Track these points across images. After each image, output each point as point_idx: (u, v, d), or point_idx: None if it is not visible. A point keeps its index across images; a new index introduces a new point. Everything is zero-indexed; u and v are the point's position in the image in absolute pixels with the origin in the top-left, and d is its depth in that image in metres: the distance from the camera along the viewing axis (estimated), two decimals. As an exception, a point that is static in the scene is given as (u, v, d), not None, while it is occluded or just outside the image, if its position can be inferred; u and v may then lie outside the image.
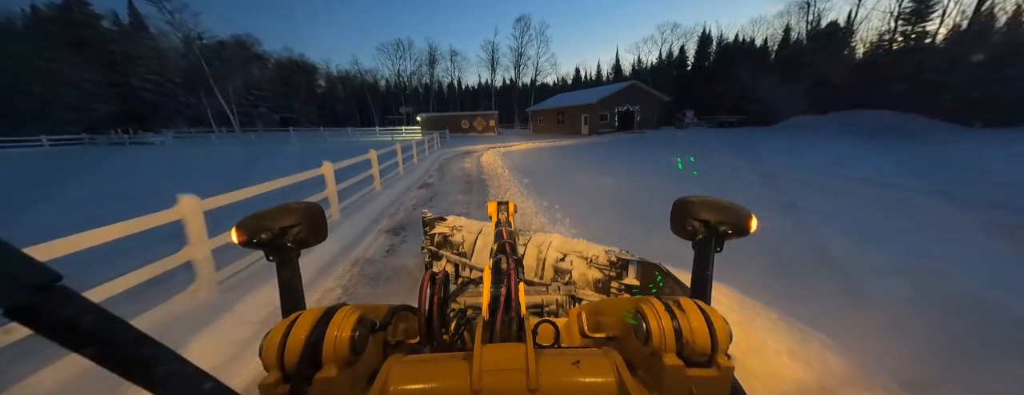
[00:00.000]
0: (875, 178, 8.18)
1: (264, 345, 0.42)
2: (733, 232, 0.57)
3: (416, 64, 65.40)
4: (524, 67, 56.98)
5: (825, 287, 3.07)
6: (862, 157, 11.99)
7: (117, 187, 9.28)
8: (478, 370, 0.39)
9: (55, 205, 7.14)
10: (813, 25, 37.31)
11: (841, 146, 15.57)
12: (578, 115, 31.19)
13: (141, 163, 15.89)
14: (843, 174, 8.85)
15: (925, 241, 4.22)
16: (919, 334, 2.41)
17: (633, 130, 32.02)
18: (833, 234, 4.42)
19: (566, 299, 1.56)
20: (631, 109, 31.55)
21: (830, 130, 23.07)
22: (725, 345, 0.42)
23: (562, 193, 7.35)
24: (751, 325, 2.13)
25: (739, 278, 2.55)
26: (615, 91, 30.19)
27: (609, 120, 31.14)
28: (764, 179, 8.55)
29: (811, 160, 11.90)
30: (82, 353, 0.27)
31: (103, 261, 2.84)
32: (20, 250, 0.26)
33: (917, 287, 3.02)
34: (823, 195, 6.67)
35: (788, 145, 17.68)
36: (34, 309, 0.25)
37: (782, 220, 4.93)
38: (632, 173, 10.59)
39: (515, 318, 0.52)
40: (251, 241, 0.56)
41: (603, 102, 29.55)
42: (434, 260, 2.49)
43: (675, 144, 21.02)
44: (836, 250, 3.89)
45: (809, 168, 9.99)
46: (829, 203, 6.08)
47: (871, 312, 2.67)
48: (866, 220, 5.16)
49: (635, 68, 65.39)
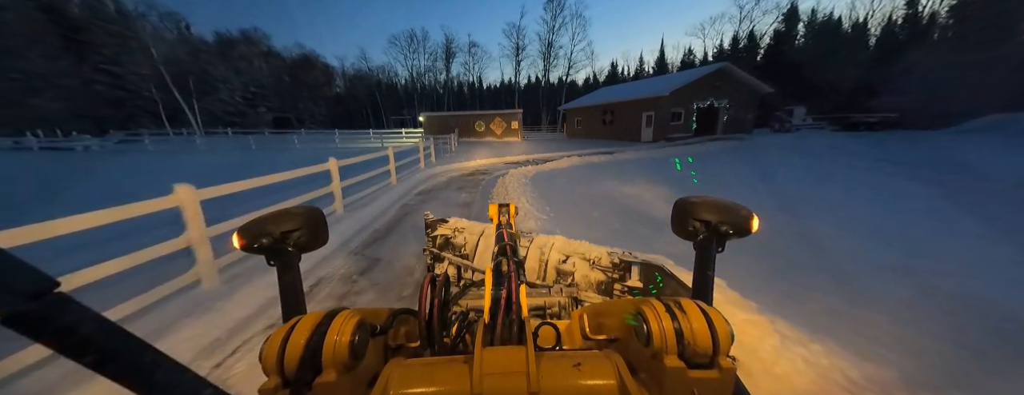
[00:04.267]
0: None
1: (264, 350, 0.41)
2: (734, 232, 0.57)
3: (431, 59, 58.03)
4: (554, 58, 47.84)
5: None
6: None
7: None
8: (478, 373, 0.40)
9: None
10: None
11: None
12: (636, 114, 22.01)
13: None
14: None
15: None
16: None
17: (718, 135, 22.49)
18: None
19: (568, 301, 1.50)
20: (717, 105, 22.04)
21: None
22: (727, 346, 0.41)
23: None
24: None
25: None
26: (697, 78, 20.64)
27: (683, 120, 21.75)
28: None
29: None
30: (80, 361, 0.27)
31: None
32: (15, 256, 0.26)
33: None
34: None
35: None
36: (32, 316, 0.25)
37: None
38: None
39: (516, 321, 0.51)
40: (252, 246, 0.55)
41: (677, 95, 20.19)
42: (436, 262, 2.33)
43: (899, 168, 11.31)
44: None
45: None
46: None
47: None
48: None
49: (685, 60, 55.04)
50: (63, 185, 9.78)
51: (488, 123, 28.17)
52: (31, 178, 11.30)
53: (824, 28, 32.27)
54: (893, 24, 29.21)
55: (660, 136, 21.00)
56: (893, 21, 29.95)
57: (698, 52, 56.26)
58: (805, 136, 20.30)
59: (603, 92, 31.22)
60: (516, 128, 27.87)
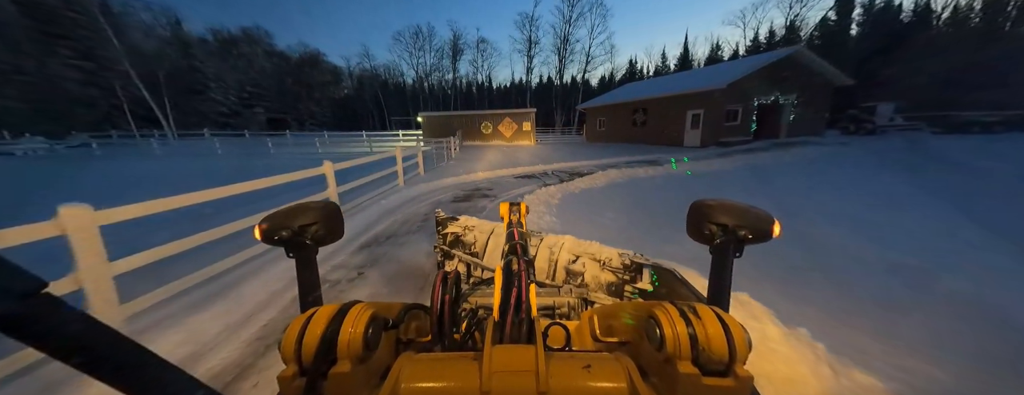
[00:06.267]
0: None
1: (283, 339, 0.43)
2: (754, 237, 0.56)
3: (437, 56, 54.60)
4: (570, 53, 43.72)
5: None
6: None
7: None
8: (488, 371, 0.40)
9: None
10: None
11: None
12: (679, 112, 17.79)
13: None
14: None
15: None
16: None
17: (782, 137, 18.11)
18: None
19: (578, 302, 1.40)
20: (782, 101, 17.67)
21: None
22: (744, 354, 0.40)
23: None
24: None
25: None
26: (760, 68, 16.11)
27: (741, 120, 17.42)
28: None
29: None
30: (69, 363, 0.26)
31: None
32: (2, 257, 0.25)
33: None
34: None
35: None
36: (18, 318, 0.24)
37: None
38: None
39: (525, 319, 0.51)
40: (272, 238, 0.58)
41: (735, 88, 15.97)
42: (446, 259, 2.27)
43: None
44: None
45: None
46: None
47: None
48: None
49: (713, 56, 50.20)
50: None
51: (496, 124, 24.27)
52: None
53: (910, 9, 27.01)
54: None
55: (711, 139, 16.72)
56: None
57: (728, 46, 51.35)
58: (915, 140, 15.62)
59: (632, 88, 26.97)
60: (528, 130, 23.89)
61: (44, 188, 8.86)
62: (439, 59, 54.48)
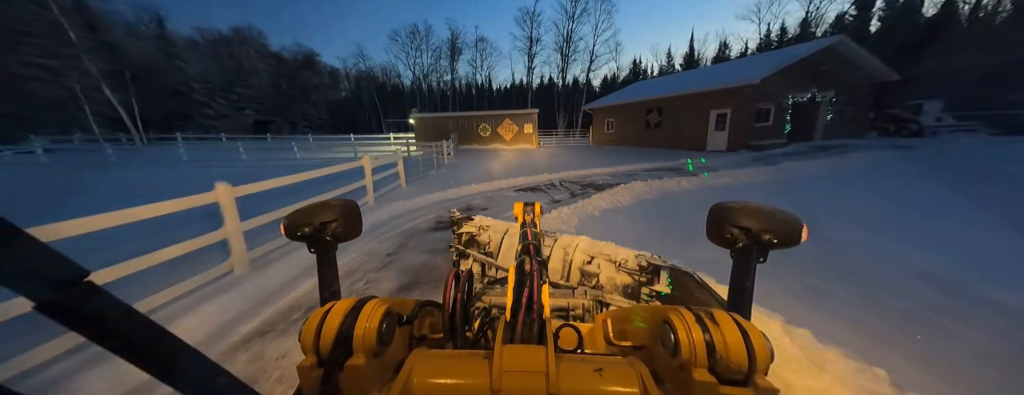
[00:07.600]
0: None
1: (303, 330, 0.44)
2: (779, 241, 0.53)
3: (435, 56, 52.68)
4: (574, 52, 41.72)
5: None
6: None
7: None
8: (498, 370, 0.40)
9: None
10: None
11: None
12: (701, 112, 15.66)
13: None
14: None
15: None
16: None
17: (818, 140, 15.98)
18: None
19: (593, 304, 1.42)
20: (818, 98, 15.55)
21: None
22: (765, 364, 0.39)
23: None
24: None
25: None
26: (797, 60, 13.95)
27: (773, 120, 15.29)
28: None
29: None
30: (106, 346, 0.28)
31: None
32: (49, 246, 0.26)
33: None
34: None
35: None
36: (63, 305, 0.26)
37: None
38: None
39: (537, 320, 0.51)
40: (295, 234, 0.60)
41: (768, 83, 13.73)
42: (461, 259, 2.29)
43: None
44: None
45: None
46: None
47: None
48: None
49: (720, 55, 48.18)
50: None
51: (495, 126, 22.18)
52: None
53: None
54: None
55: (740, 143, 14.58)
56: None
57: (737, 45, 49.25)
58: (985, 144, 13.46)
59: (645, 86, 24.89)
60: (530, 132, 21.81)
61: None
62: (437, 59, 52.59)
